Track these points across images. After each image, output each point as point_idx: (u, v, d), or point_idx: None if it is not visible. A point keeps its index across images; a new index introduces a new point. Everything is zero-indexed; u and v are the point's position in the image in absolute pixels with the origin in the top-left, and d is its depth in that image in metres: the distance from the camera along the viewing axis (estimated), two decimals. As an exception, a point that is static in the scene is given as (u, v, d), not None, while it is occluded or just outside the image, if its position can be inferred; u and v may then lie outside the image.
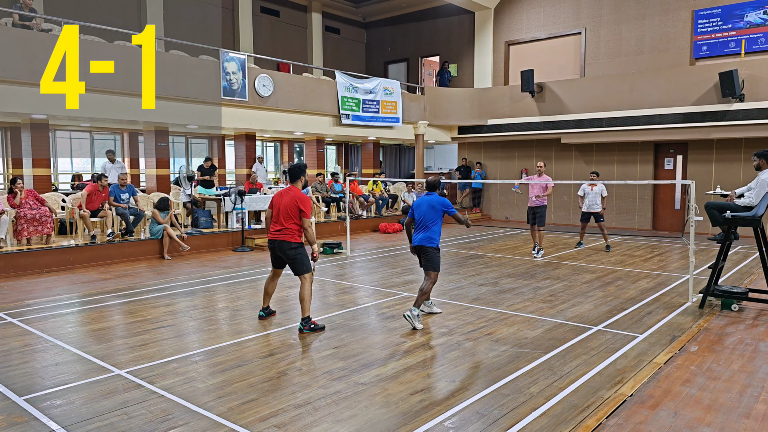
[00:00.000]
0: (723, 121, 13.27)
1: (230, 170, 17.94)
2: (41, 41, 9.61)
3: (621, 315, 6.40)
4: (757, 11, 13.73)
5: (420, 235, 6.12)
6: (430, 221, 6.08)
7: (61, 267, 9.30)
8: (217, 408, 3.91)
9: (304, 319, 5.68)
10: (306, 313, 5.68)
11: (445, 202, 6.17)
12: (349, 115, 15.20)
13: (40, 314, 6.45)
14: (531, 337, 5.53)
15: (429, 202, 6.12)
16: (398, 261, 10.29)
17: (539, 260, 10.23)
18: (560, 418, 3.75)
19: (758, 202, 6.40)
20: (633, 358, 4.92)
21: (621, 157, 15.89)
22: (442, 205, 6.11)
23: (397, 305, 6.87)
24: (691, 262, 7.04)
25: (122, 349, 5.23)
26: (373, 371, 4.60)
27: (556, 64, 16.92)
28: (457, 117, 17.84)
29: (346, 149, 22.22)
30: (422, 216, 6.11)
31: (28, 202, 9.60)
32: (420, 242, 6.11)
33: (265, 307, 6.26)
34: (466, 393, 4.16)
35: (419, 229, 6.15)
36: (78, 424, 3.68)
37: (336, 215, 15.21)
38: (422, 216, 6.11)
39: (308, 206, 5.74)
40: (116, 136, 16.23)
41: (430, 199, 6.15)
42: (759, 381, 4.43)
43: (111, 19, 14.60)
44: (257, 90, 12.88)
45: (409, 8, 20.61)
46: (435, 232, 6.12)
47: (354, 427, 3.63)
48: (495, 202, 18.64)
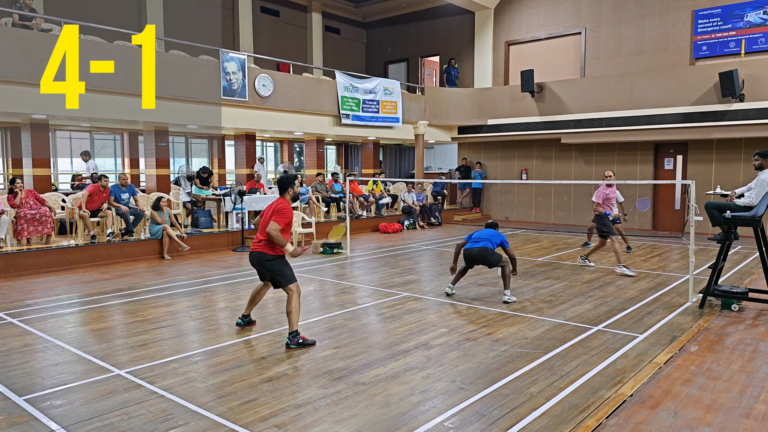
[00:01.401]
0: (723, 121, 13.27)
1: (230, 170, 17.94)
2: (41, 41, 9.61)
3: (621, 315, 6.40)
4: (757, 11, 13.72)
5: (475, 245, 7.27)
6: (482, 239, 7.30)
7: (61, 267, 9.30)
8: (217, 408, 3.91)
9: (291, 333, 5.26)
10: (293, 328, 5.27)
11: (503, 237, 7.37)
12: (349, 115, 15.20)
13: (40, 314, 6.44)
14: (531, 337, 5.53)
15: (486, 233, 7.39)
16: (398, 261, 10.29)
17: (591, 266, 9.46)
18: (560, 418, 3.75)
19: (758, 202, 6.40)
20: (633, 358, 4.92)
21: (621, 157, 15.89)
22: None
23: (397, 305, 6.87)
24: (691, 262, 7.04)
25: (122, 349, 5.23)
26: (373, 371, 4.60)
27: (556, 64, 16.92)
28: (457, 117, 17.84)
29: (346, 149, 22.23)
30: (478, 236, 7.33)
31: (28, 202, 9.60)
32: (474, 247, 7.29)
33: (245, 315, 5.89)
34: (466, 393, 4.16)
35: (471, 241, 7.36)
36: (78, 424, 3.68)
37: (336, 215, 15.21)
38: (478, 236, 7.33)
39: (284, 217, 5.32)
40: (116, 136, 16.23)
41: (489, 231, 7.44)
42: (759, 381, 4.43)
43: (111, 19, 14.59)
44: (257, 90, 12.88)
45: (409, 8, 20.60)
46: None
47: (354, 427, 3.63)
48: (495, 202, 18.63)
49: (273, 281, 5.48)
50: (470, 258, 7.20)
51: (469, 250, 7.19)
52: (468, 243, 7.29)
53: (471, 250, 7.16)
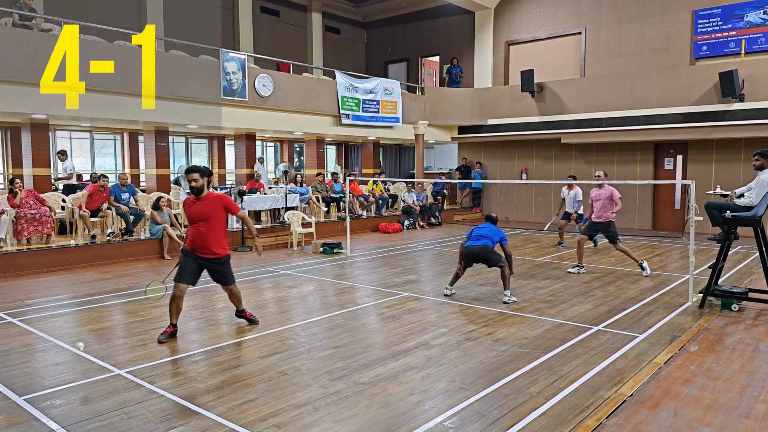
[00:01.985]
0: (723, 121, 13.27)
1: (230, 170, 17.94)
2: (41, 41, 9.61)
3: (621, 315, 6.40)
4: (757, 11, 13.72)
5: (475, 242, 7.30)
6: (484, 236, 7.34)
7: (61, 267, 9.30)
8: (217, 408, 3.91)
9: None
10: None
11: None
12: (349, 115, 15.20)
13: (40, 314, 6.44)
14: (531, 337, 5.53)
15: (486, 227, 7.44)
16: (398, 261, 10.29)
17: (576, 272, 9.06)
18: (560, 418, 3.75)
19: (758, 202, 6.40)
20: (633, 358, 4.92)
21: (621, 157, 15.89)
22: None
23: (397, 305, 6.87)
24: (691, 262, 7.04)
25: (122, 349, 5.23)
26: (373, 371, 4.60)
27: (556, 64, 16.92)
28: (457, 117, 17.84)
29: (346, 149, 22.22)
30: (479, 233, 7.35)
31: (28, 201, 9.60)
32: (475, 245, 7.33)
33: (174, 323, 5.55)
34: (466, 393, 4.16)
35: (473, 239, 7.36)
36: (78, 424, 3.68)
37: (336, 215, 15.21)
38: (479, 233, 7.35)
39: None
40: (116, 136, 16.22)
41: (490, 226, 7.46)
42: (759, 381, 4.43)
43: (111, 19, 14.59)
44: (257, 90, 12.88)
45: (409, 8, 20.61)
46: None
47: (354, 427, 3.63)
48: (495, 202, 18.63)
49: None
50: (471, 255, 7.20)
51: (471, 247, 7.19)
52: (469, 240, 7.30)
53: (472, 248, 7.16)
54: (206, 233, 5.45)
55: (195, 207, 5.52)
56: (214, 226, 5.48)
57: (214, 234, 5.49)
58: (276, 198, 13.12)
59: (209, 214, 5.46)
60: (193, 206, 5.53)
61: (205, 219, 5.45)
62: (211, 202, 5.49)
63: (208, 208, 5.47)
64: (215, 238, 5.50)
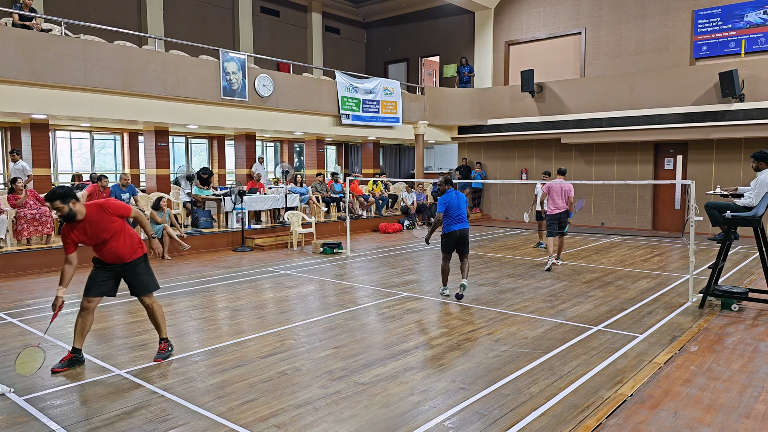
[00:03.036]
0: (723, 121, 13.27)
1: (230, 170, 17.95)
2: (41, 41, 9.61)
3: (621, 315, 6.40)
4: (757, 11, 13.73)
5: (464, 224, 7.23)
6: (465, 213, 7.28)
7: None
8: (217, 408, 3.91)
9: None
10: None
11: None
12: (349, 115, 15.20)
13: (40, 314, 6.44)
14: (531, 337, 5.53)
15: (459, 197, 7.25)
16: (398, 261, 10.29)
17: (556, 264, 9.59)
18: (560, 418, 3.75)
19: (758, 203, 6.40)
20: (633, 358, 4.92)
21: (621, 157, 15.89)
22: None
23: (397, 305, 6.87)
24: (691, 262, 7.04)
25: (122, 349, 5.23)
26: (373, 371, 4.60)
27: (556, 64, 16.93)
28: (457, 117, 17.84)
29: (346, 149, 22.23)
30: (460, 210, 7.19)
31: (28, 201, 9.60)
32: (465, 228, 7.24)
33: (78, 348, 4.77)
34: (466, 393, 4.16)
35: (457, 220, 7.16)
36: (78, 424, 3.68)
37: (336, 215, 15.21)
38: (460, 210, 7.19)
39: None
40: (116, 136, 16.23)
41: (459, 194, 7.29)
42: (759, 381, 4.43)
43: (111, 19, 14.62)
44: (257, 90, 12.88)
45: (409, 8, 20.61)
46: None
47: (354, 427, 3.63)
48: (495, 202, 18.64)
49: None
50: (456, 240, 7.17)
51: (456, 231, 7.14)
52: (454, 222, 7.14)
53: (462, 232, 7.16)
54: (115, 247, 4.68)
55: (77, 231, 4.57)
56: (116, 237, 4.66)
57: (122, 243, 4.70)
58: (276, 198, 13.13)
59: (102, 230, 4.58)
60: (75, 231, 4.56)
61: (101, 237, 4.61)
62: (95, 216, 4.56)
63: (98, 225, 4.57)
64: (125, 245, 4.72)
